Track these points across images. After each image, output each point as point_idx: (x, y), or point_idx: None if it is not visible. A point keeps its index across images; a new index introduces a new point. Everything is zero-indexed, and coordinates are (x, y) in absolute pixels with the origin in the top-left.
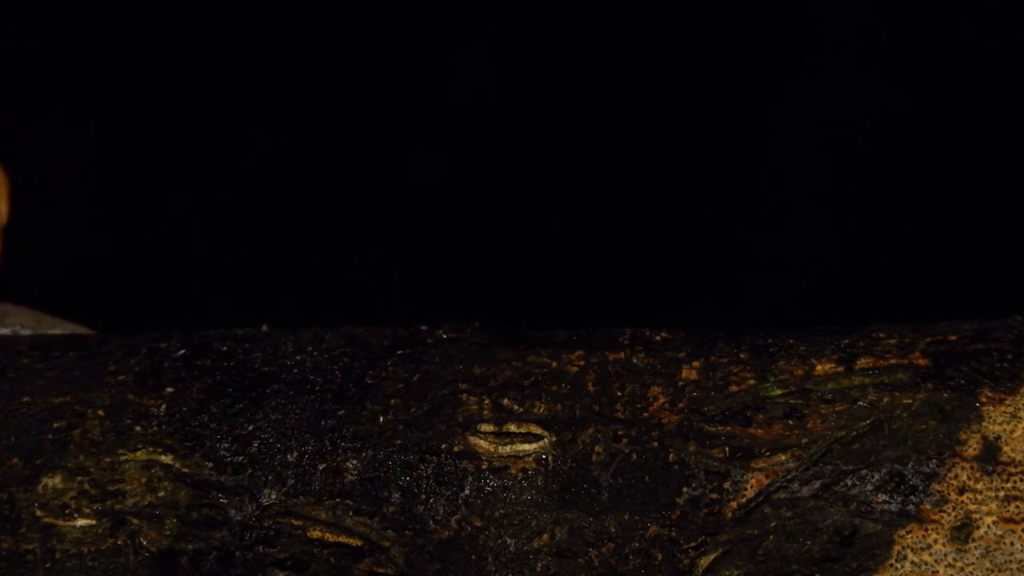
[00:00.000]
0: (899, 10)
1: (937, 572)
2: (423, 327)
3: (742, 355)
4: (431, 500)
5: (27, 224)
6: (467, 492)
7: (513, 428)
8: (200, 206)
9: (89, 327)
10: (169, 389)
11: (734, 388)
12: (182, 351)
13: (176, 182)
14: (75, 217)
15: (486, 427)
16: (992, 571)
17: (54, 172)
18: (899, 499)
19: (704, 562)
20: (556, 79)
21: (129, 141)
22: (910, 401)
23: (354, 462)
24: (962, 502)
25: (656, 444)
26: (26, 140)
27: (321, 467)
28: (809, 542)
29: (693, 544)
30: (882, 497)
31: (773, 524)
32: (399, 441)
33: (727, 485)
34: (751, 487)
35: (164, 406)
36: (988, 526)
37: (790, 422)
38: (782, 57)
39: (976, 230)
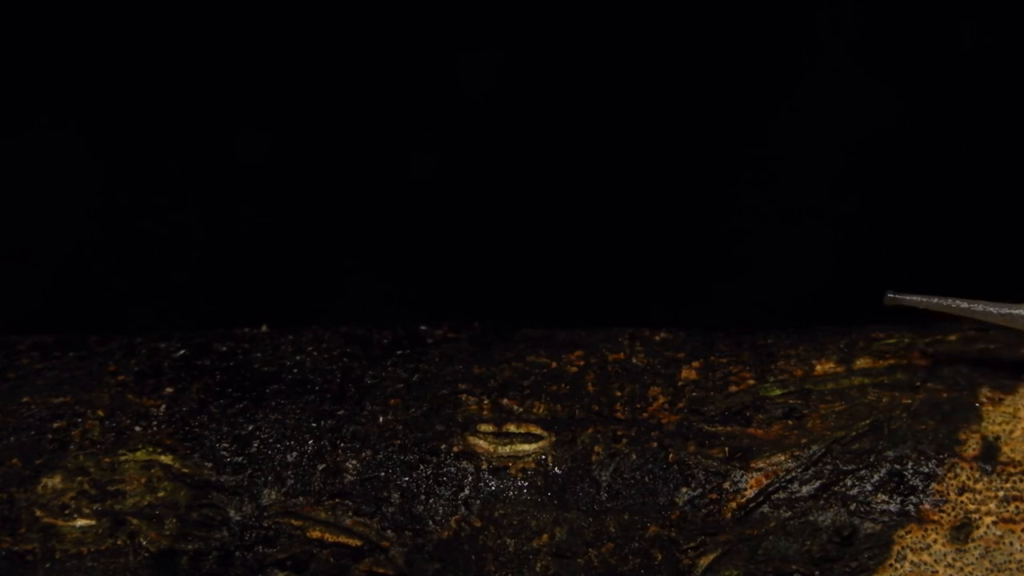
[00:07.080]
0: (899, 11)
1: (937, 572)
2: (423, 327)
3: (742, 355)
4: (431, 500)
5: (27, 224)
6: (467, 492)
7: (513, 428)
8: (200, 206)
9: (89, 327)
10: (169, 389)
11: (734, 388)
12: (182, 351)
13: (175, 182)
14: (74, 217)
15: (486, 427)
16: (991, 571)
17: (52, 172)
18: (899, 499)
19: (704, 562)
20: (556, 79)
21: (128, 141)
22: (910, 401)
23: (354, 462)
24: (961, 502)
25: (656, 444)
26: (25, 140)
27: (321, 467)
28: (809, 542)
29: (693, 544)
30: (882, 497)
31: (772, 524)
32: (399, 441)
33: (727, 485)
34: (750, 487)
35: (164, 406)
36: (987, 526)
37: (790, 422)
38: (782, 57)
39: (976, 230)
